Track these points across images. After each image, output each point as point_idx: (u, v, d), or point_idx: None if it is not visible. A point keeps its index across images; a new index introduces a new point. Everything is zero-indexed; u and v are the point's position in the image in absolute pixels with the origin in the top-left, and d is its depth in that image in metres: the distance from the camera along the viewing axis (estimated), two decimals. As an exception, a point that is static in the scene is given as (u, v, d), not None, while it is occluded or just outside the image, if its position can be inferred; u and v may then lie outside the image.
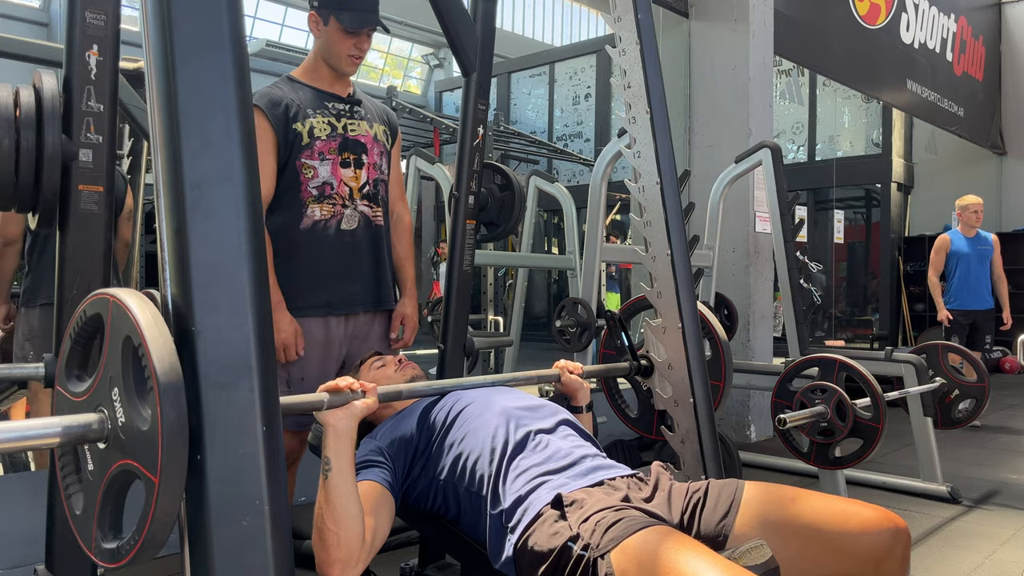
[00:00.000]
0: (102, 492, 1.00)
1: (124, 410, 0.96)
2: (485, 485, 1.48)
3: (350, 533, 1.35)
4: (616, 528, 1.25)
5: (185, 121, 1.01)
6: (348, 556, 1.35)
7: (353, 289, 2.14)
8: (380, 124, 2.24)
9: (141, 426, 0.94)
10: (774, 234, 4.11)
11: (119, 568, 0.98)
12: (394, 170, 2.32)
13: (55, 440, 0.98)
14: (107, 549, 0.99)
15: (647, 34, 2.01)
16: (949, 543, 2.95)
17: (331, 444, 1.38)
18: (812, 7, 5.89)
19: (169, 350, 0.94)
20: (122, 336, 0.97)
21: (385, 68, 18.49)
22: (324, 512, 1.35)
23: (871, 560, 1.31)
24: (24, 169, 1.71)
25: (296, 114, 2.09)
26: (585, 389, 1.88)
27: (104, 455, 1.00)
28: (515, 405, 1.62)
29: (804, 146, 10.40)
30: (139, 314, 0.95)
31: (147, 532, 0.93)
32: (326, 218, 2.11)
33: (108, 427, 0.99)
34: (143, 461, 0.93)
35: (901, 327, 9.56)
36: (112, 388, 0.98)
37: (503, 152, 10.78)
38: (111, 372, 0.99)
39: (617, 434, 4.21)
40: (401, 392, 1.57)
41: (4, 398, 2.69)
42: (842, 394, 2.76)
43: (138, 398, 0.95)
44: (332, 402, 1.38)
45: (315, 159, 2.10)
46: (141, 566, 2.74)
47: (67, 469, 1.08)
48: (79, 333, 1.06)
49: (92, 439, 1.00)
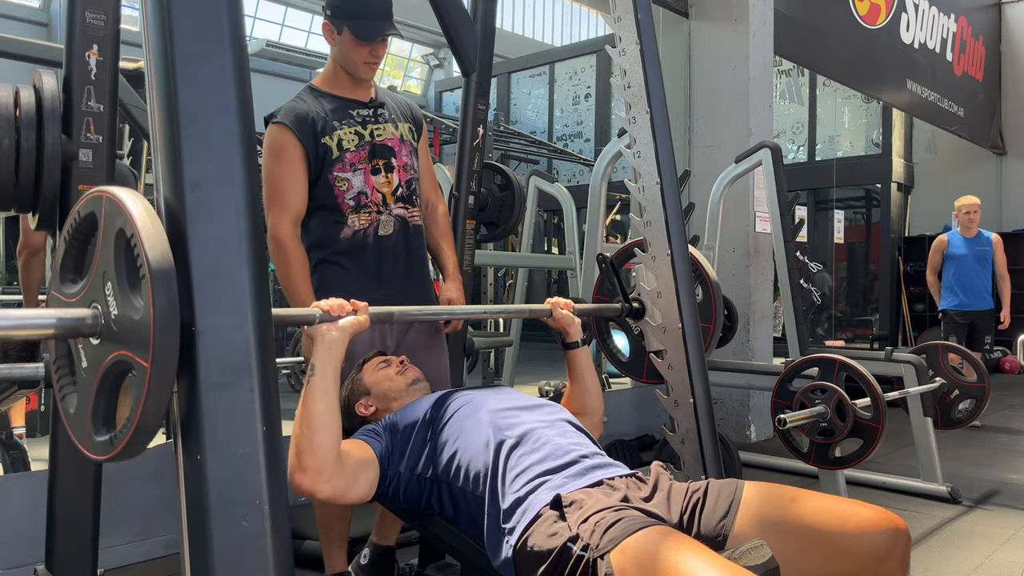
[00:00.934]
0: (96, 387, 1.01)
1: (117, 302, 0.98)
2: (482, 484, 1.48)
3: (325, 441, 1.37)
4: (615, 528, 1.25)
5: (185, 121, 1.01)
6: (320, 466, 1.36)
7: (393, 291, 2.15)
8: (405, 122, 2.24)
9: (133, 315, 0.95)
10: (774, 234, 4.11)
11: (111, 458, 0.98)
12: (424, 161, 2.33)
13: (49, 331, 1.00)
14: (100, 441, 1.00)
15: (647, 34, 2.01)
16: (949, 543, 2.95)
17: (319, 352, 1.42)
18: (812, 7, 5.89)
19: (161, 240, 0.95)
20: (115, 230, 0.98)
21: (385, 68, 18.48)
22: (301, 417, 1.38)
23: (871, 560, 1.31)
24: (24, 169, 1.71)
25: (323, 127, 2.10)
26: (577, 324, 1.92)
27: (97, 350, 1.02)
28: (511, 405, 1.62)
29: (804, 146, 10.40)
30: (132, 206, 0.96)
31: (139, 420, 0.94)
32: (364, 227, 2.14)
33: (101, 321, 1.00)
34: (136, 350, 0.94)
35: (901, 327, 9.56)
36: (105, 283, 1.00)
37: (503, 152, 10.79)
38: (104, 268, 1.00)
39: (617, 434, 4.21)
40: (392, 314, 1.63)
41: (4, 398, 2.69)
42: (842, 394, 2.76)
43: (131, 289, 0.97)
44: (324, 317, 1.43)
45: (347, 171, 2.12)
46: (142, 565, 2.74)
47: (62, 371, 1.10)
48: (74, 234, 1.07)
49: (86, 333, 1.01)
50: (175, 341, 0.94)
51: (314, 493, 1.39)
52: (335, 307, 1.46)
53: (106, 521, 1.99)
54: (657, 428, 4.34)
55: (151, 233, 0.94)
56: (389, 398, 1.78)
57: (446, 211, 2.41)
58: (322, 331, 1.43)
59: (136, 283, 0.96)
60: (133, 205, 0.96)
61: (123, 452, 0.97)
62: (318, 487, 1.38)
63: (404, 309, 1.71)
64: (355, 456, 1.49)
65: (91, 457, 1.03)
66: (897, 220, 9.76)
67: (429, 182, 2.36)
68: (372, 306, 1.55)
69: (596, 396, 1.94)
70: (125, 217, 0.96)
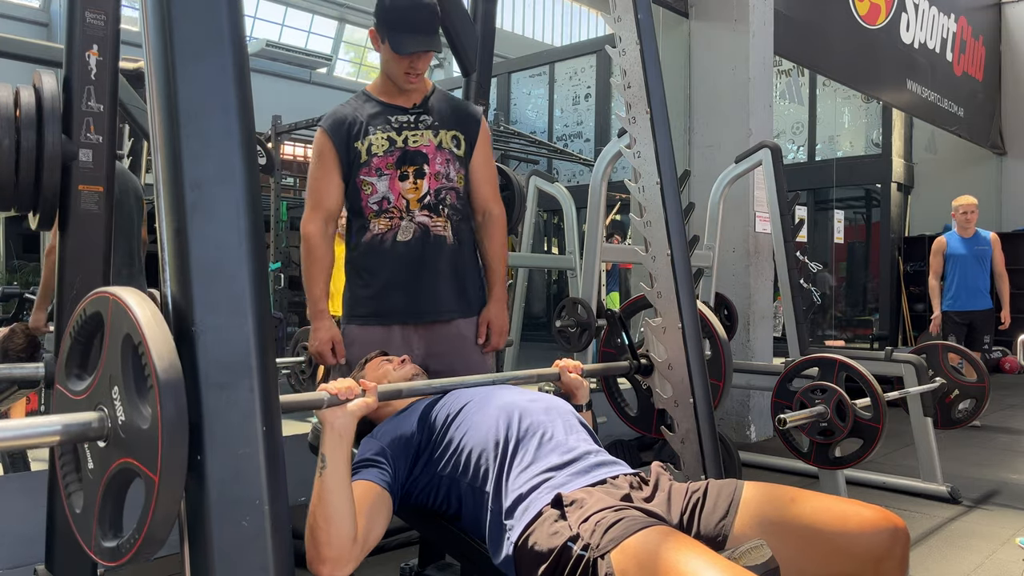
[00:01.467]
0: (102, 490, 1.00)
1: (124, 408, 0.97)
2: (489, 480, 1.48)
3: (341, 532, 1.35)
4: (616, 528, 1.25)
5: (185, 121, 1.01)
6: (338, 555, 1.35)
7: (407, 299, 2.15)
8: (451, 129, 2.20)
9: (141, 424, 0.94)
10: (774, 234, 4.11)
11: (119, 567, 0.98)
12: (483, 168, 2.27)
13: (55, 439, 0.98)
14: (107, 547, 0.99)
15: (647, 34, 2.01)
16: (949, 543, 2.95)
17: (328, 442, 1.39)
18: (812, 7, 5.89)
19: (169, 348, 0.94)
20: (122, 334, 0.97)
21: (385, 68, 18.48)
22: (316, 509, 1.36)
23: (870, 560, 1.31)
24: (24, 169, 1.71)
25: (358, 132, 2.15)
26: (585, 388, 1.89)
27: (104, 453, 1.00)
28: (518, 399, 1.62)
29: (804, 146, 10.40)
30: (139, 312, 0.95)
31: (147, 530, 0.93)
32: (384, 231, 2.15)
33: (108, 426, 0.99)
34: (143, 459, 0.93)
35: (901, 327, 9.56)
36: (112, 386, 0.99)
37: (503, 152, 10.78)
38: (111, 371, 0.99)
39: (617, 434, 4.20)
40: (401, 391, 1.58)
41: (4, 398, 2.69)
42: (842, 394, 2.76)
43: (138, 396, 0.96)
44: (332, 401, 1.40)
45: (372, 175, 2.14)
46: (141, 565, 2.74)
47: (67, 468, 1.08)
48: (79, 332, 1.06)
49: (92, 437, 1.00)
50: (183, 454, 0.93)
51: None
52: (343, 390, 1.42)
53: (106, 521, 1.99)
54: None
55: (159, 341, 0.93)
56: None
57: (503, 224, 2.31)
58: (330, 420, 1.39)
59: (144, 391, 0.95)
60: (139, 310, 0.96)
61: (130, 562, 0.96)
62: (339, 572, 1.36)
63: (412, 385, 1.64)
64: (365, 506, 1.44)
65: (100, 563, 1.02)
66: (897, 220, 9.75)
67: (487, 191, 2.28)
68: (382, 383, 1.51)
69: None
70: (132, 323, 0.95)
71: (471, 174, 2.25)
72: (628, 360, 2.07)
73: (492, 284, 2.28)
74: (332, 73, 16.92)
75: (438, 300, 2.19)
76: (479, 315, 2.27)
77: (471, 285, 2.25)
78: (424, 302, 2.16)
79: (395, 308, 2.17)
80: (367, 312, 2.20)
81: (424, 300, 2.17)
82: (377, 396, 1.47)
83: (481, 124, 2.28)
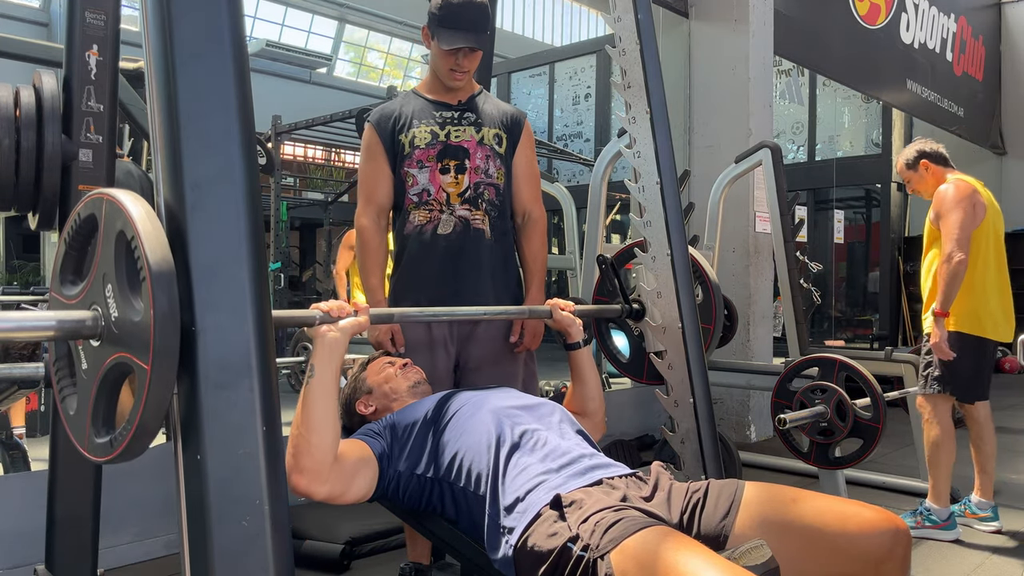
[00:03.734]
0: (95, 389, 1.01)
1: (117, 304, 0.98)
2: (483, 484, 1.48)
3: (323, 443, 1.37)
4: (615, 528, 1.25)
5: (185, 121, 1.01)
6: (318, 468, 1.36)
7: (447, 291, 2.16)
8: (494, 128, 2.22)
9: (134, 317, 0.95)
10: (774, 234, 4.11)
11: (112, 460, 0.98)
12: (525, 168, 2.28)
13: (49, 333, 1.00)
14: (100, 443, 1.00)
15: (647, 34, 2.01)
16: (949, 543, 2.95)
17: (318, 353, 1.42)
18: (812, 7, 5.89)
19: (161, 242, 0.95)
20: (115, 231, 0.98)
21: (385, 68, 18.49)
22: (300, 418, 1.38)
23: (872, 561, 1.31)
24: (24, 169, 1.71)
25: (403, 126, 2.19)
26: (577, 325, 1.92)
27: (98, 352, 1.02)
28: (511, 404, 1.63)
29: (804, 146, 10.39)
30: (132, 208, 0.96)
31: (139, 421, 0.94)
32: (423, 223, 2.17)
33: (102, 324, 1.00)
34: (136, 351, 0.95)
35: (901, 327, 9.56)
36: (105, 285, 1.00)
37: (503, 152, 10.76)
38: (104, 269, 1.00)
39: (617, 434, 4.21)
40: (393, 315, 1.64)
41: (4, 398, 2.69)
42: (842, 394, 2.76)
43: (131, 291, 0.97)
44: (324, 318, 1.43)
45: (414, 167, 2.17)
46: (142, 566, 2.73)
47: (62, 372, 1.10)
48: (74, 236, 1.07)
49: (86, 335, 1.01)
50: (175, 343, 0.94)
51: (311, 494, 1.39)
52: (335, 308, 1.46)
53: (106, 521, 1.99)
54: (657, 428, 4.34)
55: (151, 235, 0.94)
56: (390, 398, 1.78)
57: (544, 226, 2.32)
58: (322, 332, 1.43)
59: (136, 285, 0.96)
60: (133, 207, 0.97)
61: (123, 454, 0.97)
62: (314, 488, 1.38)
63: (405, 311, 1.72)
64: (353, 456, 1.49)
65: (91, 459, 1.03)
66: (897, 220, 9.75)
67: (529, 192, 2.29)
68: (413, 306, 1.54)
69: (597, 398, 1.94)
70: (125, 219, 0.96)
71: (513, 175, 2.26)
72: (620, 304, 2.08)
73: (529, 285, 2.28)
74: (332, 73, 16.92)
75: (477, 293, 2.19)
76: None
77: (508, 282, 2.26)
78: (463, 295, 2.17)
79: (433, 300, 2.17)
80: (408, 304, 2.20)
81: (463, 293, 2.17)
82: (369, 317, 1.51)
83: (524, 125, 2.30)
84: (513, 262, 2.29)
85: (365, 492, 1.51)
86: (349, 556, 2.67)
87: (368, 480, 1.52)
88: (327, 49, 16.85)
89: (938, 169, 3.14)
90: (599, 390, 1.95)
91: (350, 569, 2.65)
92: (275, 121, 7.49)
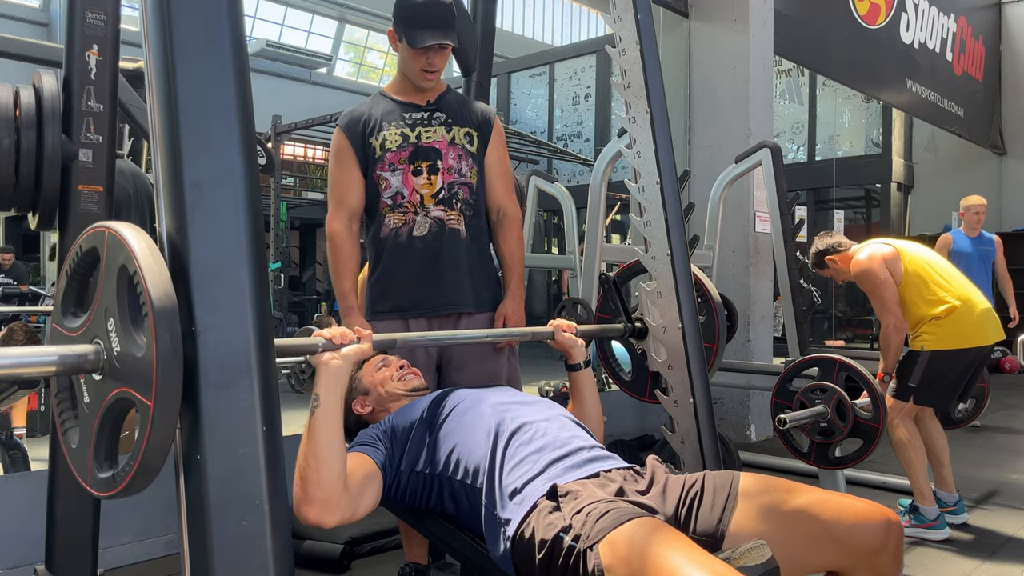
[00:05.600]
0: (98, 423, 1.01)
1: (119, 339, 0.98)
2: (480, 475, 1.48)
3: (331, 473, 1.36)
4: (605, 519, 1.26)
5: (185, 121, 1.01)
6: (328, 497, 1.35)
7: (427, 292, 2.16)
8: (464, 126, 2.22)
9: (136, 353, 0.95)
10: (774, 234, 4.11)
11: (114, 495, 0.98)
12: (497, 165, 2.29)
13: (51, 368, 1.00)
14: (103, 478, 1.00)
15: (647, 34, 2.01)
16: (949, 543, 2.95)
17: (322, 382, 1.41)
18: (812, 7, 5.89)
19: (164, 277, 0.95)
20: (117, 266, 0.98)
21: (385, 68, 18.49)
22: (307, 449, 1.36)
23: (867, 552, 1.34)
24: (24, 169, 1.71)
25: (372, 129, 2.18)
26: (580, 346, 1.91)
27: (100, 386, 1.01)
28: (509, 400, 1.63)
29: (804, 146, 10.40)
30: (134, 243, 0.96)
31: (142, 457, 0.94)
32: (398, 226, 2.17)
33: (104, 358, 1.00)
34: (138, 387, 0.94)
35: (901, 327, 9.53)
36: (108, 319, 1.00)
37: (503, 152, 10.77)
38: (106, 303, 1.00)
39: (617, 434, 4.21)
40: (395, 341, 1.62)
41: (4, 398, 2.69)
42: (842, 394, 2.76)
43: (133, 326, 0.97)
44: (327, 346, 1.42)
45: (387, 170, 2.17)
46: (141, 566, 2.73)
47: (64, 404, 1.09)
48: (76, 268, 1.07)
49: (88, 369, 1.01)
50: (178, 381, 0.94)
51: (322, 523, 1.37)
52: (337, 335, 1.44)
53: (106, 521, 1.99)
54: (657, 428, 4.33)
55: (154, 270, 0.94)
56: (386, 400, 1.78)
57: (518, 222, 2.33)
58: (325, 360, 1.41)
59: (139, 320, 0.95)
60: (135, 242, 0.96)
61: (125, 490, 0.97)
62: (325, 518, 1.36)
63: (408, 336, 1.70)
64: (358, 475, 1.47)
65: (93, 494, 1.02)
66: (897, 220, 9.75)
67: (502, 188, 2.29)
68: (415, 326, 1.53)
69: (596, 419, 1.93)
70: (128, 254, 0.95)
71: (486, 172, 2.26)
72: (623, 323, 2.08)
73: (509, 282, 2.29)
74: (332, 73, 16.92)
75: (455, 293, 2.19)
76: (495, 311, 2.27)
77: (486, 280, 2.26)
78: (441, 295, 2.17)
79: (413, 303, 2.18)
80: (387, 308, 2.21)
81: (441, 293, 2.17)
82: (372, 344, 1.50)
83: (494, 122, 2.30)
84: (490, 260, 2.29)
85: (372, 505, 1.50)
86: (349, 556, 2.67)
87: (374, 494, 1.51)
88: (327, 49, 16.85)
89: (843, 256, 3.22)
90: (598, 411, 1.94)
91: (350, 569, 2.65)
92: (275, 121, 7.50)
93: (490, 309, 2.26)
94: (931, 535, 2.98)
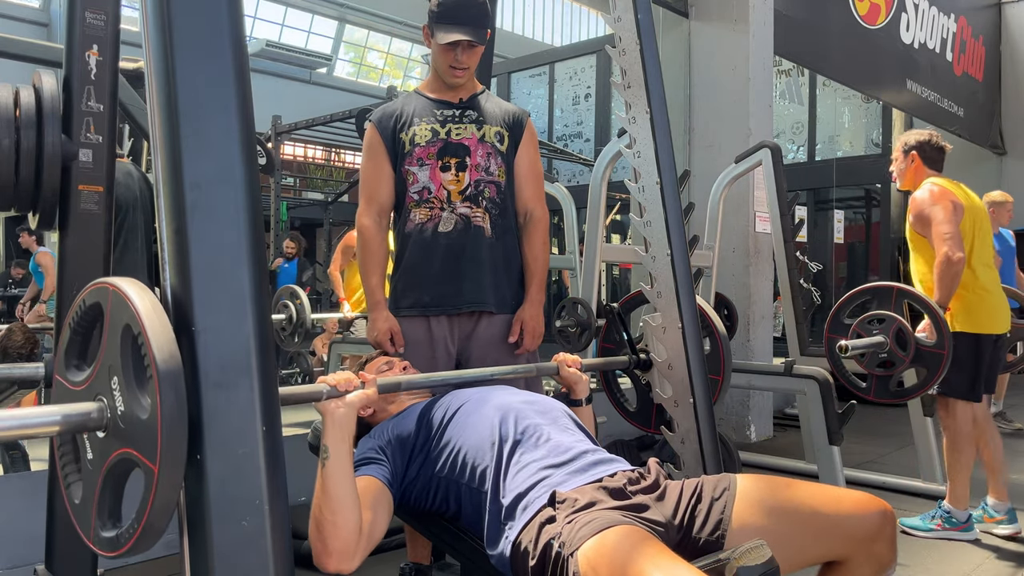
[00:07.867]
0: (101, 481, 1.00)
1: (123, 399, 0.97)
2: (487, 480, 1.48)
3: (348, 522, 1.35)
4: (587, 527, 1.26)
5: (185, 121, 1.01)
6: (345, 546, 1.35)
7: (448, 289, 2.16)
8: (496, 126, 2.22)
9: (140, 415, 0.94)
10: (774, 234, 4.11)
11: (120, 567, 0.98)
12: (528, 167, 2.27)
13: (55, 428, 0.98)
14: (106, 538, 0.99)
15: (647, 34, 2.00)
16: (949, 543, 2.95)
17: (330, 432, 1.39)
18: (812, 7, 5.89)
19: (168, 339, 0.94)
20: (121, 325, 0.97)
21: (385, 68, 18.48)
22: (321, 501, 1.35)
23: (864, 540, 1.38)
24: (24, 169, 1.71)
25: (403, 124, 2.19)
26: (584, 382, 1.89)
27: (103, 444, 1.00)
28: (513, 400, 1.63)
29: (804, 146, 10.39)
30: (138, 303, 0.95)
31: (146, 520, 0.93)
32: (423, 221, 2.16)
33: (107, 416, 0.99)
34: (142, 450, 0.93)
35: (901, 327, 9.54)
36: (111, 377, 0.99)
37: (503, 152, 10.76)
38: (110, 361, 0.99)
39: (617, 434, 4.20)
40: (400, 384, 1.59)
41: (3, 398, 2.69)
42: (901, 322, 2.61)
43: (137, 387, 0.95)
44: (331, 392, 1.40)
45: (415, 165, 2.17)
46: (141, 566, 2.74)
47: (66, 459, 1.08)
48: (78, 322, 1.06)
49: (92, 428, 1.00)
50: (183, 446, 0.93)
51: (341, 571, 1.36)
52: (342, 382, 1.43)
53: (106, 521, 1.99)
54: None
55: (158, 332, 0.93)
56: (387, 401, 1.78)
57: (545, 226, 2.30)
58: (330, 409, 1.40)
59: (143, 381, 0.95)
60: (139, 301, 0.95)
61: (129, 552, 0.96)
62: (345, 566, 1.36)
63: (412, 378, 1.67)
64: (367, 499, 1.45)
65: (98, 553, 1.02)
66: (897, 220, 9.73)
67: (531, 191, 2.28)
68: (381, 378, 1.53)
69: None
70: (132, 313, 0.95)
71: (515, 173, 2.26)
72: (627, 355, 2.07)
73: (529, 285, 2.27)
74: (332, 73, 16.92)
75: (476, 290, 2.18)
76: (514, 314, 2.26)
77: (509, 281, 2.24)
78: (462, 292, 2.16)
79: (434, 299, 2.17)
80: (409, 303, 2.21)
81: (462, 290, 2.17)
82: (377, 388, 1.48)
83: (527, 124, 2.29)
84: (517, 261, 2.27)
85: (386, 526, 1.49)
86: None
87: (385, 514, 1.50)
88: (327, 49, 16.85)
89: (922, 169, 3.07)
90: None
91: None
92: (275, 121, 7.49)
93: (511, 311, 2.24)
94: (960, 537, 2.94)
